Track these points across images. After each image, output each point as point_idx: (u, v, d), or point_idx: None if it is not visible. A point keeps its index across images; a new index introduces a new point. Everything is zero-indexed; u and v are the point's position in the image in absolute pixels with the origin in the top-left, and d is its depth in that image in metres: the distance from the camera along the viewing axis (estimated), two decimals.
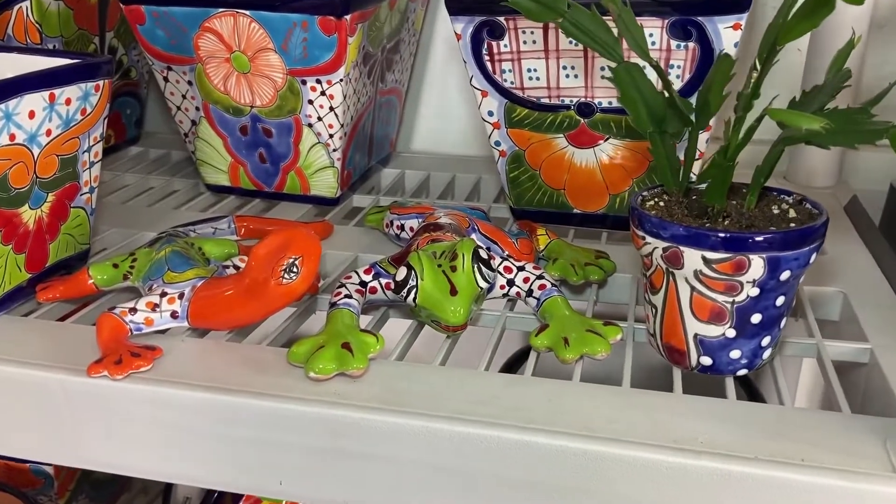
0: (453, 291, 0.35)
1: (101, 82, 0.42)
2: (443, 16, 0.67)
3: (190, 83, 0.54)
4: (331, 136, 0.54)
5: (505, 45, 0.46)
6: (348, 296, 0.37)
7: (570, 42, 0.44)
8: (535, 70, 0.46)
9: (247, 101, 0.54)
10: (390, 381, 0.33)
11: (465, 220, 0.43)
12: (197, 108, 0.55)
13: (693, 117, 0.33)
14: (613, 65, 0.34)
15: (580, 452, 0.29)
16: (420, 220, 0.46)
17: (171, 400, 0.33)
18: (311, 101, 0.52)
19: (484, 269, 0.36)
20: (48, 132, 0.38)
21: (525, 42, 0.45)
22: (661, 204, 0.33)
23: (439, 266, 0.36)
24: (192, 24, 0.52)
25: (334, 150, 0.54)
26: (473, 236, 0.42)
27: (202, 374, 0.34)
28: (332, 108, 0.52)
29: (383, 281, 0.39)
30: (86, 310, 0.42)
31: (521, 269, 0.39)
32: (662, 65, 0.43)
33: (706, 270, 0.30)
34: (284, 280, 0.34)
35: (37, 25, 0.55)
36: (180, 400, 0.33)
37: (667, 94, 0.33)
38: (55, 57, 0.42)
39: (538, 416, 0.31)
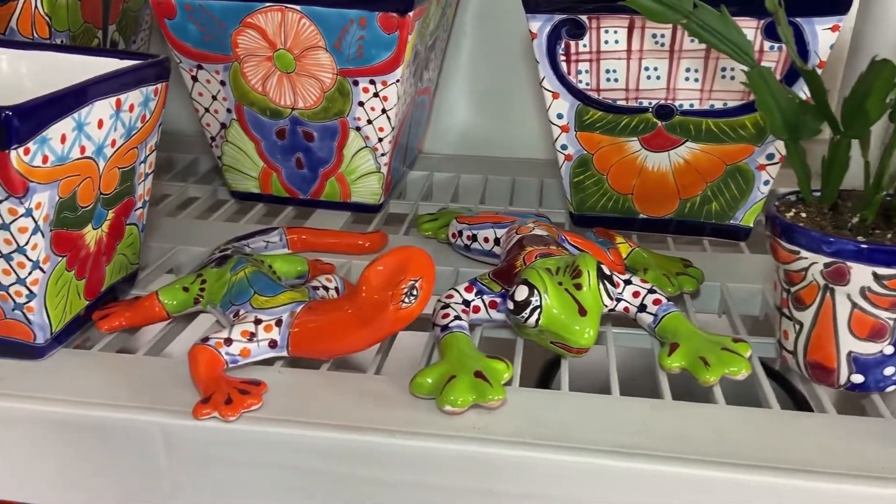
0: (582, 312, 0.33)
1: (159, 86, 0.37)
2: (470, 11, 0.64)
3: (223, 83, 0.50)
4: (380, 139, 0.50)
5: (584, 45, 0.44)
6: (458, 317, 0.35)
7: (656, 42, 0.43)
8: (613, 71, 0.44)
9: (287, 103, 0.50)
10: (529, 412, 0.31)
11: (553, 230, 0.41)
12: (228, 110, 0.51)
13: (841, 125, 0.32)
14: (696, 67, 0.32)
15: (788, 488, 0.28)
16: (496, 231, 0.44)
17: (289, 441, 0.30)
18: (361, 104, 0.49)
19: (608, 286, 0.34)
20: (112, 143, 0.34)
21: (606, 42, 0.43)
22: (804, 216, 0.32)
23: (560, 284, 0.34)
24: (231, 19, 0.47)
25: (382, 155, 0.51)
26: (566, 247, 0.40)
27: (318, 411, 0.31)
28: (384, 111, 0.49)
29: (487, 299, 0.36)
30: (151, 339, 0.37)
31: (627, 282, 0.37)
32: None
33: (875, 287, 0.29)
34: (404, 304, 0.31)
35: (46, 18, 0.50)
36: (299, 441, 0.30)
37: (808, 101, 0.32)
38: (103, 57, 0.38)
39: (710, 448, 0.29)
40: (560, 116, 0.46)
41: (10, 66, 0.40)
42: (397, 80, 0.48)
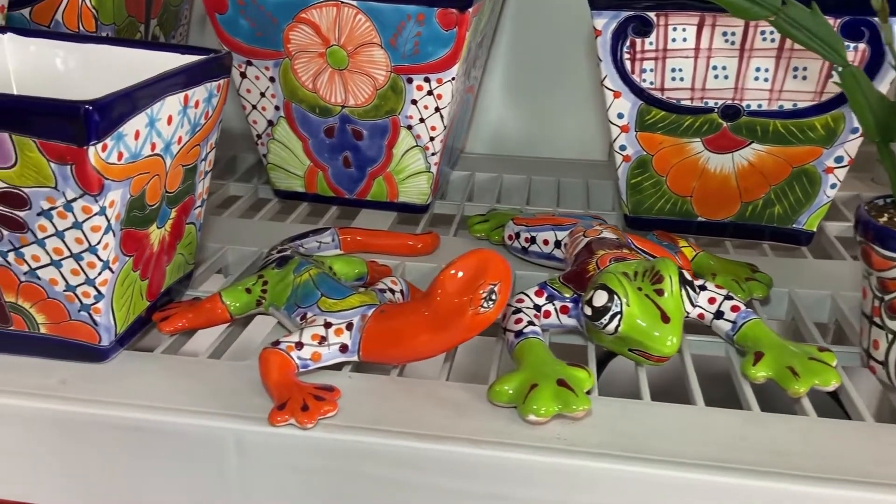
0: (665, 318, 0.31)
1: (222, 81, 0.36)
2: (510, 7, 0.63)
3: (272, 80, 0.49)
4: (432, 138, 0.49)
5: (650, 43, 0.42)
6: (531, 322, 0.34)
7: (726, 41, 0.41)
8: (679, 70, 0.43)
9: (338, 101, 0.49)
10: (613, 422, 0.30)
11: (619, 233, 0.40)
12: (276, 108, 0.50)
13: None
14: (768, 65, 0.31)
15: None
16: (556, 234, 0.43)
17: (367, 450, 0.29)
18: (414, 102, 0.48)
19: (690, 292, 0.33)
20: (179, 139, 0.33)
21: (674, 40, 0.42)
22: None
23: (639, 289, 0.32)
24: (285, 14, 0.46)
25: (433, 154, 0.50)
26: (635, 251, 0.39)
27: (395, 418, 0.30)
28: (437, 109, 0.48)
29: (558, 304, 0.35)
30: (212, 341, 0.36)
31: (703, 288, 0.36)
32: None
33: None
34: (482, 309, 0.30)
35: (93, 11, 0.49)
36: (377, 449, 0.29)
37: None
38: (163, 51, 0.37)
39: (804, 462, 0.28)
40: (620, 116, 0.45)
41: (65, 60, 0.39)
42: (453, 78, 0.47)
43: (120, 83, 0.38)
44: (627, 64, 0.43)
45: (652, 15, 0.41)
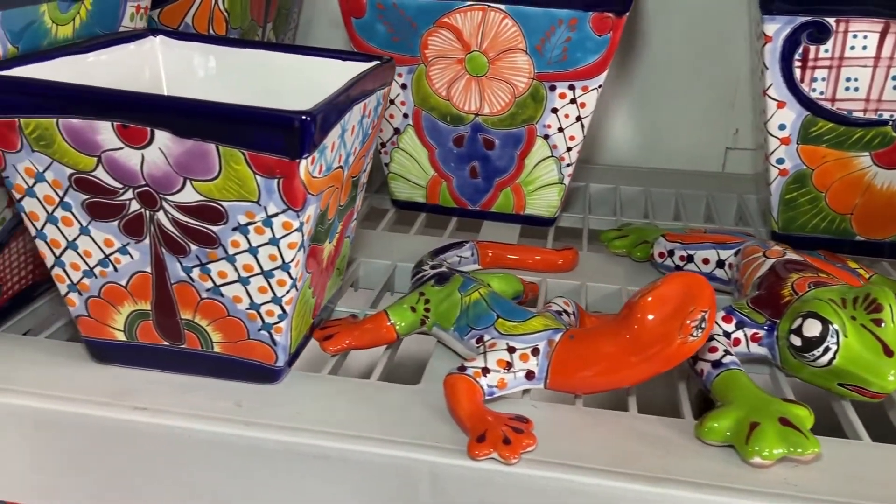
0: (888, 352, 0.29)
1: (387, 89, 0.35)
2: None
3: (404, 86, 0.47)
4: (569, 149, 0.47)
5: (825, 51, 0.40)
6: (727, 352, 0.31)
7: None
8: (855, 80, 0.40)
9: (472, 109, 0.47)
10: (842, 465, 0.27)
11: (794, 251, 0.38)
12: (405, 115, 0.49)
13: None
14: None
15: None
16: (718, 252, 0.40)
17: (570, 488, 0.26)
18: (555, 110, 0.46)
19: None
20: (354, 150, 0.32)
21: (853, 47, 0.39)
22: None
23: (853, 318, 0.30)
24: (426, 19, 0.45)
25: (567, 165, 0.48)
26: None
27: (597, 454, 0.28)
28: (579, 118, 0.46)
29: (749, 331, 0.33)
30: (367, 361, 0.34)
31: None
32: None
33: None
34: (692, 338, 0.28)
35: (224, 14, 0.48)
36: (582, 489, 0.26)
37: None
38: (320, 57, 0.35)
39: None
40: (782, 128, 0.43)
41: (215, 64, 0.38)
42: (599, 86, 0.45)
43: (275, 89, 0.37)
44: (797, 72, 0.41)
45: (831, 21, 0.39)
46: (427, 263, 0.39)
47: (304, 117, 0.24)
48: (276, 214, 0.26)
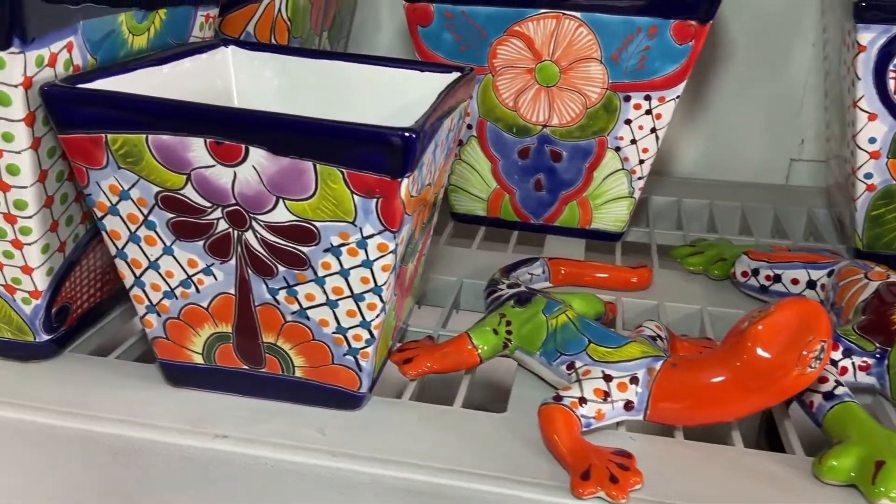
0: None
1: (468, 101, 0.34)
2: None
3: (469, 96, 0.46)
4: (641, 161, 0.46)
5: None
6: (839, 382, 0.30)
7: None
8: None
9: (539, 120, 0.46)
10: None
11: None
12: (469, 126, 0.47)
13: None
14: None
15: None
16: (809, 272, 0.38)
17: None
18: (628, 121, 0.44)
19: None
20: (439, 166, 0.30)
21: None
22: None
23: None
24: (496, 27, 0.43)
25: (639, 178, 0.46)
26: None
27: (712, 493, 0.26)
28: (653, 130, 0.44)
29: (857, 360, 0.31)
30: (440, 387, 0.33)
31: None
32: None
33: None
34: (810, 370, 0.26)
35: (287, 23, 0.47)
36: None
37: None
38: (393, 67, 0.34)
39: None
40: (872, 141, 0.41)
41: (288, 75, 0.36)
42: (677, 97, 0.43)
43: (351, 101, 0.36)
44: (891, 84, 0.39)
45: None
46: (503, 282, 0.37)
47: (409, 134, 0.22)
48: (371, 236, 0.24)
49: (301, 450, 0.27)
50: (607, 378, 0.29)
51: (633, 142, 0.45)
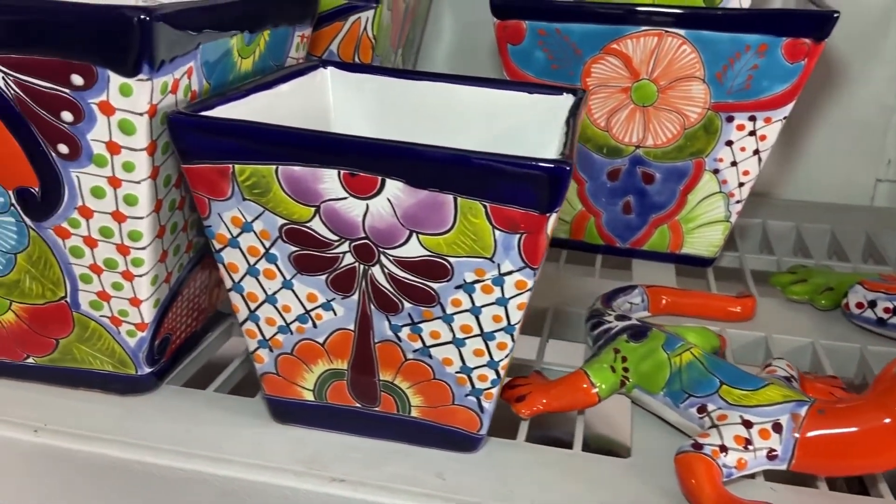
0: None
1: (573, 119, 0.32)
2: None
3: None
4: (741, 184, 0.43)
5: None
6: None
7: None
8: None
9: (632, 141, 0.44)
10: None
11: None
12: None
13: None
14: None
15: None
16: None
17: None
18: (729, 143, 0.42)
19: None
20: None
21: None
22: None
23: None
24: (592, 45, 0.42)
25: (737, 202, 0.44)
26: None
27: None
28: (756, 152, 0.42)
29: None
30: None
31: None
32: None
33: None
34: None
35: (372, 41, 0.46)
36: None
37: None
38: (515, 91, 0.32)
39: None
40: None
41: (388, 97, 0.35)
42: (785, 117, 0.41)
43: (455, 125, 0.35)
44: None
45: None
46: (608, 313, 0.35)
47: (562, 167, 0.21)
48: (510, 272, 0.23)
49: (422, 496, 0.26)
50: (747, 424, 0.27)
51: (734, 164, 0.43)
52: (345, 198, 0.23)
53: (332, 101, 0.36)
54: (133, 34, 0.21)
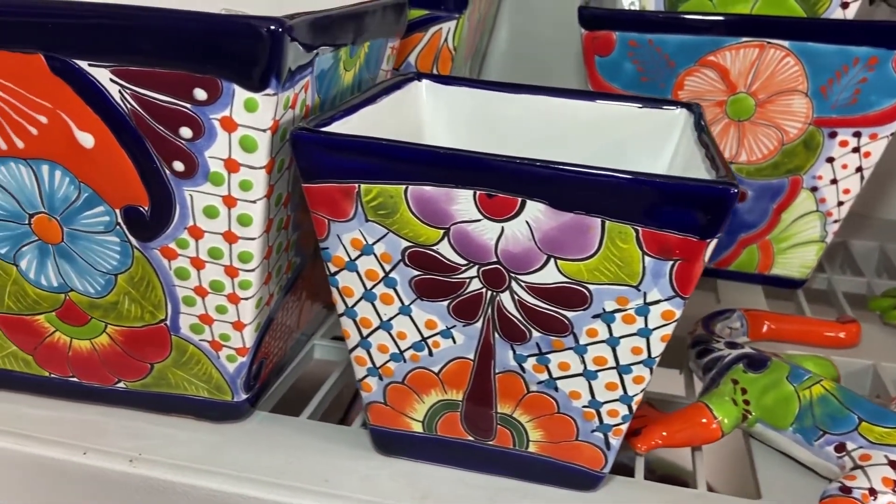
0: None
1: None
2: None
3: None
4: (840, 203, 0.41)
5: None
6: None
7: None
8: None
9: (725, 156, 0.42)
10: None
11: None
12: None
13: None
14: None
15: None
16: None
17: None
18: (830, 160, 0.40)
19: None
20: None
21: None
22: None
23: None
24: (687, 57, 0.40)
25: (834, 222, 0.42)
26: None
27: None
28: (859, 169, 0.40)
29: None
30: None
31: None
32: None
33: None
34: None
35: (452, 52, 0.44)
36: None
37: None
38: (624, 104, 0.31)
39: None
40: None
41: (488, 110, 0.33)
42: (892, 133, 0.39)
43: (560, 142, 0.33)
44: None
45: None
46: (716, 340, 0.33)
47: (728, 188, 0.19)
48: (657, 302, 0.21)
49: None
50: (893, 465, 0.25)
51: (834, 181, 0.41)
52: (479, 220, 0.21)
53: (426, 114, 0.34)
54: (263, 46, 0.20)
